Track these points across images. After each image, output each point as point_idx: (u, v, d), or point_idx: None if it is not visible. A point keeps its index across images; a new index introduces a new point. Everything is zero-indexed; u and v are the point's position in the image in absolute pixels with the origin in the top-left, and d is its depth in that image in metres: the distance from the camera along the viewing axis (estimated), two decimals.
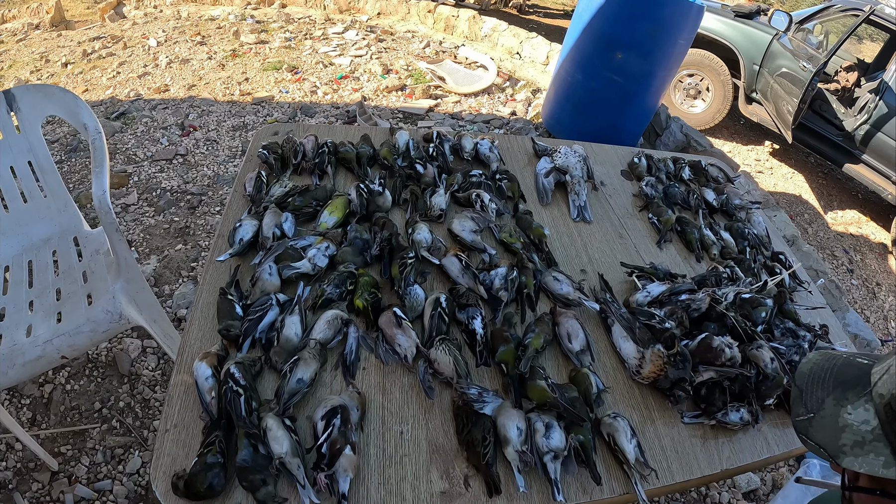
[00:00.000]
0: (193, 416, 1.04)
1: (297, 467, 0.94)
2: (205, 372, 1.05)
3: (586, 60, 3.75)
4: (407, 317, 1.24)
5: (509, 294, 1.39)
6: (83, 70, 5.29)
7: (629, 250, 1.70)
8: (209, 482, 0.90)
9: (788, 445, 1.31)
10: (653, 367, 1.28)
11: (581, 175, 1.84)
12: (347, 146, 1.74)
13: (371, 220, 1.52)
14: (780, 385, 1.32)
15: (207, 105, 4.61)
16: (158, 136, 4.05)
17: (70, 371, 2.26)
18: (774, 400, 1.34)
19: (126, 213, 3.28)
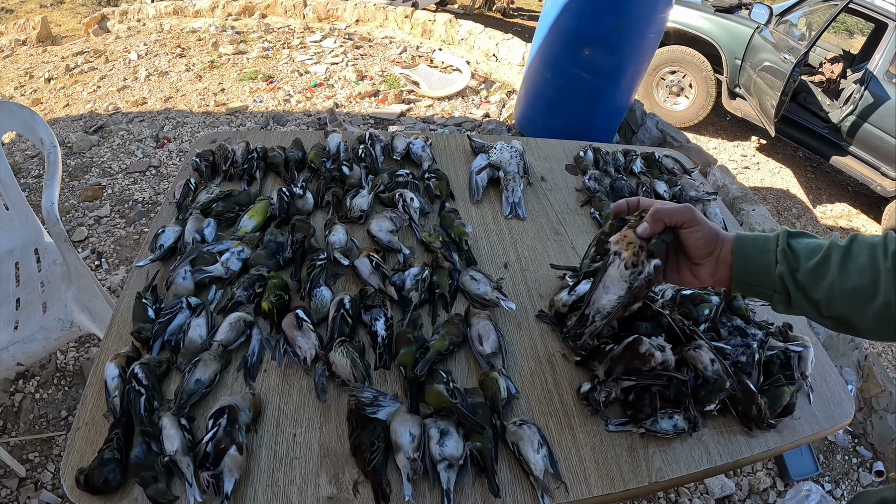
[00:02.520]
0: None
1: (186, 465, 0.95)
2: (112, 372, 1.07)
3: (554, 58, 3.66)
4: (311, 319, 1.22)
5: (419, 294, 1.33)
6: (65, 85, 5.33)
7: (564, 247, 1.59)
8: (105, 477, 0.92)
9: (733, 455, 1.19)
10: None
11: (516, 171, 1.74)
12: (276, 151, 1.73)
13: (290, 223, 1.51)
14: (722, 389, 1.20)
15: (182, 117, 4.61)
16: (133, 149, 4.08)
17: (39, 380, 2.35)
18: (717, 405, 1.23)
19: (98, 226, 3.34)
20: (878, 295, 0.80)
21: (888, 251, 0.81)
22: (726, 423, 1.25)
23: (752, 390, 1.23)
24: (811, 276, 0.85)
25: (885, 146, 4.94)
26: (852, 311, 0.83)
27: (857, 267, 0.82)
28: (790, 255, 0.88)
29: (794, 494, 2.44)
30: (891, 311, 0.79)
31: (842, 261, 0.83)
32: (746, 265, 0.92)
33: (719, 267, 0.94)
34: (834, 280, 0.83)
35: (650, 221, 0.96)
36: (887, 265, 0.80)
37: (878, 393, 2.85)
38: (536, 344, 1.32)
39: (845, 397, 1.37)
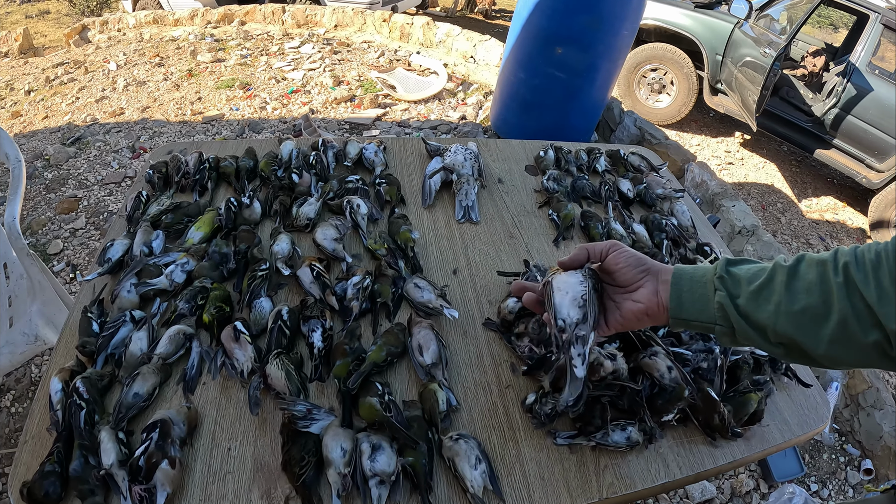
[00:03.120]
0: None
1: (121, 479, 0.94)
2: (56, 386, 1.07)
3: (527, 58, 3.62)
4: (250, 330, 1.19)
5: (360, 304, 1.28)
6: (45, 97, 5.33)
7: (518, 251, 1.53)
8: (45, 490, 0.93)
9: (693, 467, 1.12)
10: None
11: (470, 173, 1.67)
12: (228, 161, 1.70)
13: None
14: (680, 398, 1.14)
15: (159, 126, 4.60)
16: (109, 160, 4.07)
17: (14, 394, 2.39)
18: (675, 415, 1.16)
19: (74, 238, 3.35)
20: (831, 314, 0.73)
21: (838, 265, 0.75)
22: (688, 433, 1.18)
23: (713, 398, 1.17)
24: (754, 300, 0.79)
25: (870, 138, 4.91)
26: (804, 334, 0.76)
27: (805, 285, 0.76)
28: (729, 281, 0.82)
29: (778, 497, 2.38)
30: (848, 332, 0.72)
31: (788, 280, 0.77)
32: (683, 297, 0.86)
33: (661, 287, 0.88)
34: (780, 301, 0.77)
35: (574, 252, 0.97)
36: (838, 280, 0.73)
37: (864, 389, 2.81)
38: (483, 353, 1.25)
39: (821, 401, 1.30)
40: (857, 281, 0.72)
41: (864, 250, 0.74)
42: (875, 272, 0.71)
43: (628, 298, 0.92)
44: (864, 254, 0.73)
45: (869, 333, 0.71)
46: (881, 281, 0.70)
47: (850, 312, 0.71)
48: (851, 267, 0.73)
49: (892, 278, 0.69)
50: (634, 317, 0.91)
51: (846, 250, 0.76)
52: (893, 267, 0.69)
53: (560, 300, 0.95)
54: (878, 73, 4.89)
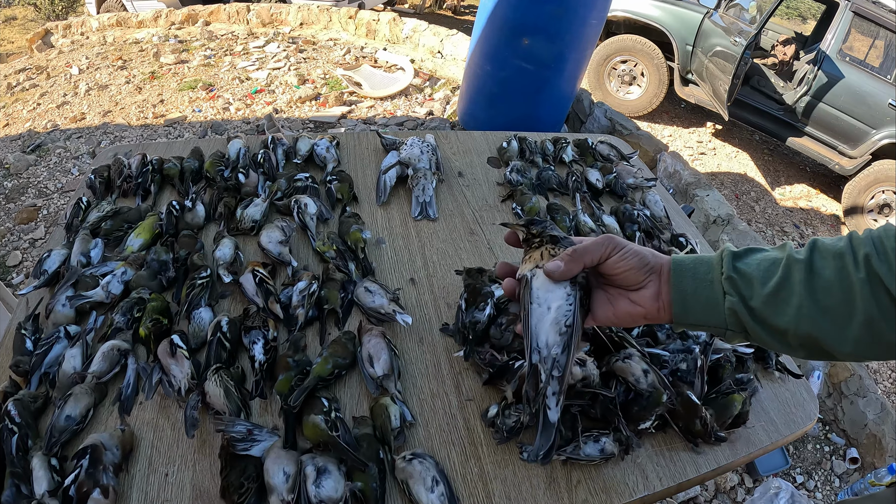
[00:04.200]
0: None
1: None
2: None
3: (493, 50, 3.52)
4: (188, 344, 1.12)
5: (306, 312, 1.17)
6: (6, 104, 5.19)
7: (479, 248, 1.42)
8: None
9: (675, 477, 1.03)
10: None
11: (427, 167, 1.57)
12: (172, 162, 1.59)
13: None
14: (658, 403, 1.04)
15: (121, 131, 4.48)
16: (70, 167, 3.97)
17: None
18: (653, 422, 1.06)
19: (33, 249, 3.25)
20: (854, 314, 0.65)
21: (857, 258, 0.66)
22: (668, 440, 1.09)
23: (693, 402, 1.07)
24: (772, 304, 0.70)
25: (841, 125, 4.92)
26: (826, 336, 0.68)
27: (825, 284, 0.68)
28: (740, 283, 0.72)
29: (763, 493, 2.31)
30: (874, 331, 0.65)
31: (806, 278, 0.68)
32: (688, 302, 0.75)
33: (664, 287, 0.77)
34: (801, 304, 0.68)
35: (566, 260, 0.77)
36: (860, 276, 0.65)
37: (847, 377, 2.78)
38: (440, 361, 1.14)
39: (807, 397, 1.22)
40: (882, 275, 0.64)
41: (883, 237, 0.66)
42: None
43: (625, 297, 0.79)
44: (884, 241, 0.65)
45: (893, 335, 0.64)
46: None
47: (875, 312, 0.64)
48: (874, 260, 0.65)
49: None
50: (630, 318, 0.79)
51: (863, 238, 0.67)
52: None
53: (538, 321, 0.77)
54: (849, 60, 4.90)
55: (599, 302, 0.80)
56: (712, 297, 0.73)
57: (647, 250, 0.78)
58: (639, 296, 0.77)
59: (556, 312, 0.77)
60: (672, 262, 0.76)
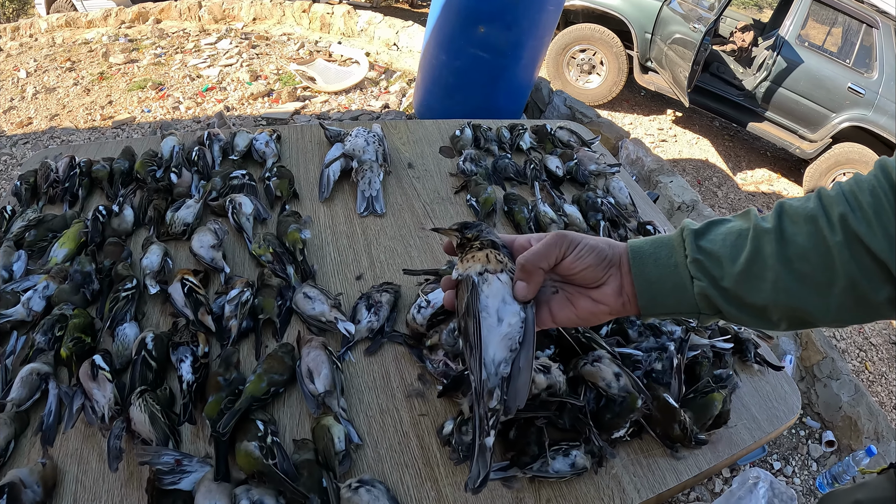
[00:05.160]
0: None
1: None
2: None
3: (448, 39, 3.40)
4: (112, 364, 1.01)
5: (239, 323, 1.06)
6: None
7: (431, 244, 1.31)
8: None
9: (654, 487, 0.95)
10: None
11: (374, 158, 1.44)
12: (101, 164, 1.47)
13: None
14: (633, 409, 0.95)
15: (68, 135, 4.28)
16: (14, 175, 3.72)
17: None
18: (628, 430, 0.98)
19: None
20: (836, 280, 0.61)
21: (832, 219, 0.61)
22: (644, 446, 1.00)
23: (671, 406, 0.99)
24: (744, 282, 0.64)
25: (801, 109, 4.94)
26: (807, 306, 0.63)
27: (799, 252, 0.62)
28: (707, 264, 0.65)
29: (742, 483, 2.24)
30: (857, 294, 0.60)
31: (778, 249, 0.63)
32: (653, 291, 0.68)
33: (625, 279, 0.69)
34: (777, 277, 0.62)
35: (524, 277, 0.67)
36: (837, 239, 0.60)
37: (819, 360, 2.76)
38: (389, 372, 1.03)
39: (789, 389, 1.16)
40: (862, 234, 0.59)
41: (857, 191, 0.61)
42: (879, 218, 0.58)
43: (586, 296, 0.70)
44: (859, 197, 0.60)
45: (880, 291, 0.60)
46: (888, 228, 0.58)
47: (857, 274, 0.59)
48: (850, 219, 0.60)
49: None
50: (594, 317, 0.71)
51: (834, 196, 0.62)
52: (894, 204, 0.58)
53: (488, 333, 0.66)
54: (808, 45, 4.93)
55: (559, 304, 0.71)
56: (679, 283, 0.67)
57: (604, 242, 0.70)
58: (600, 293, 0.69)
59: (508, 325, 0.66)
60: (629, 249, 0.68)
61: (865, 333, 4.17)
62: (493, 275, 0.68)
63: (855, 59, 4.82)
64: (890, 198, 0.58)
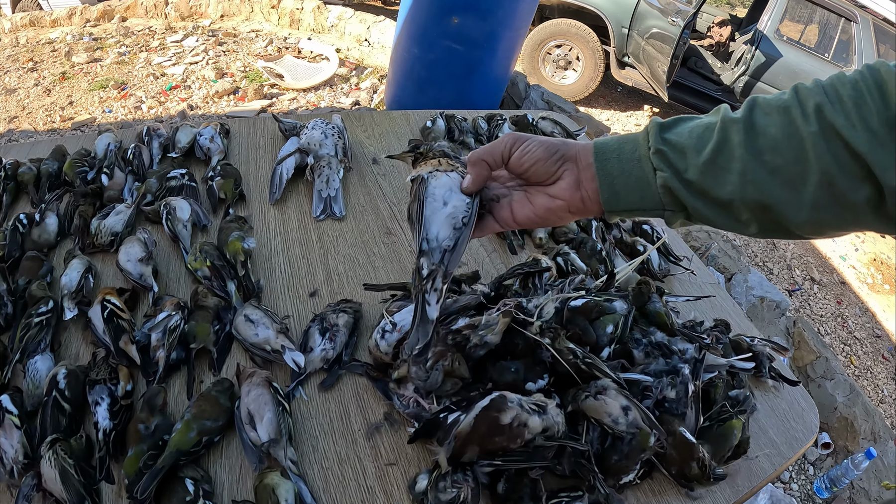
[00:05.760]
0: None
1: None
2: None
3: (421, 31, 3.24)
4: (23, 406, 0.84)
5: (167, 354, 0.87)
6: None
7: (399, 252, 1.13)
8: None
9: None
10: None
11: (332, 153, 1.26)
12: (27, 166, 1.28)
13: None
14: (644, 448, 0.80)
15: (26, 137, 4.09)
16: None
17: None
18: (638, 472, 0.82)
19: None
20: (809, 173, 0.57)
21: (807, 110, 0.58)
22: (656, 487, 0.85)
23: (689, 442, 0.83)
24: (709, 173, 0.61)
25: None
26: (779, 201, 0.60)
27: (770, 142, 0.59)
28: (670, 155, 0.63)
29: None
30: (834, 191, 0.57)
31: (746, 139, 0.60)
32: (616, 185, 0.66)
33: (584, 175, 0.68)
34: (744, 169, 0.60)
35: (471, 168, 0.71)
36: (812, 129, 0.57)
37: (812, 360, 2.72)
38: (349, 412, 0.85)
39: (805, 406, 1.05)
40: (839, 126, 0.56)
41: (837, 84, 0.57)
42: (859, 111, 0.55)
43: (543, 193, 0.71)
44: (838, 89, 0.57)
45: (859, 190, 0.56)
46: (868, 122, 0.55)
47: (833, 168, 0.57)
48: (826, 110, 0.57)
49: (882, 118, 0.54)
50: (552, 214, 0.71)
51: (811, 88, 0.59)
52: (880, 102, 0.55)
53: (432, 213, 0.72)
54: (786, 39, 4.92)
55: (518, 202, 0.73)
56: (642, 177, 0.65)
57: (558, 139, 0.71)
58: (556, 189, 0.70)
59: (453, 208, 0.72)
60: (594, 144, 0.68)
61: (849, 327, 4.11)
62: (442, 172, 0.74)
63: (833, 54, 4.83)
64: (874, 94, 0.55)
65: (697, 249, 3.17)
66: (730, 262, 3.16)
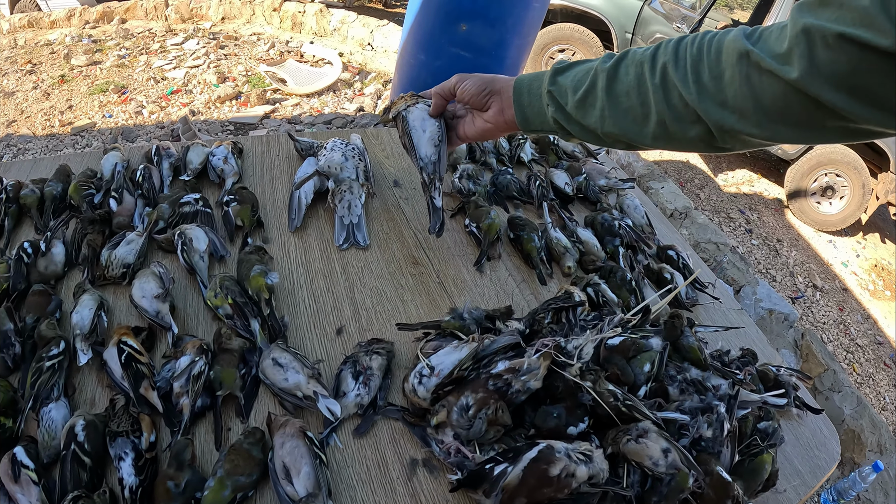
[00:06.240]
0: None
1: None
2: None
3: (428, 37, 3.19)
4: (38, 459, 0.77)
5: (192, 402, 0.81)
6: None
7: (427, 284, 1.08)
8: None
9: None
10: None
11: (354, 177, 1.21)
12: (30, 188, 1.18)
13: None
14: (682, 489, 0.77)
15: (25, 142, 4.06)
16: None
17: None
18: None
19: None
20: (650, 115, 0.76)
21: (656, 65, 0.74)
22: None
23: (725, 482, 0.80)
24: (581, 108, 0.83)
25: None
26: (628, 134, 0.80)
27: (625, 88, 0.78)
28: (557, 93, 0.85)
29: None
30: (669, 130, 0.75)
31: (608, 84, 0.79)
32: (525, 113, 0.92)
33: (506, 104, 0.94)
34: (604, 106, 0.80)
35: (433, 99, 1.05)
36: (655, 81, 0.74)
37: (820, 373, 2.72)
38: (386, 459, 0.81)
39: (828, 433, 1.03)
40: (676, 80, 0.71)
41: (688, 43, 0.72)
42: (695, 68, 0.70)
43: (480, 117, 1.00)
44: (686, 49, 0.72)
45: (690, 129, 0.73)
46: (700, 76, 0.70)
47: (667, 113, 0.73)
48: (670, 67, 0.72)
49: (711, 73, 0.69)
50: (487, 132, 1.00)
51: (669, 47, 0.74)
52: (713, 60, 0.69)
53: (418, 140, 1.05)
54: None
55: (468, 122, 1.03)
56: (541, 108, 0.88)
57: (491, 77, 0.96)
58: (488, 115, 0.97)
59: (430, 131, 1.05)
60: (514, 81, 0.92)
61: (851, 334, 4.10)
62: (412, 106, 1.07)
63: None
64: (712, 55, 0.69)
65: (707, 261, 3.14)
66: (738, 274, 3.13)
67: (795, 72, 0.59)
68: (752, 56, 0.64)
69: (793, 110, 0.63)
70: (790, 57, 0.60)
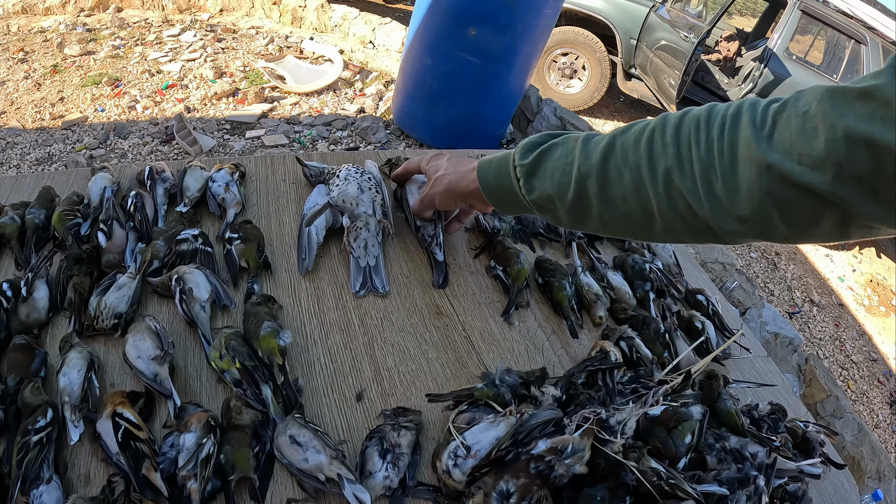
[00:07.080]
0: None
1: None
2: None
3: (435, 41, 3.13)
4: None
5: (202, 486, 0.70)
6: None
7: (452, 337, 0.98)
8: None
9: None
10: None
11: (370, 213, 1.09)
12: (10, 216, 1.01)
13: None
14: None
15: (13, 135, 3.95)
16: None
17: None
18: None
19: None
20: (654, 220, 0.70)
21: (657, 171, 0.67)
22: None
23: None
24: (575, 214, 0.78)
25: None
26: (635, 233, 0.76)
27: (621, 193, 0.71)
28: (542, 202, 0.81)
29: None
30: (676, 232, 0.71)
31: (600, 190, 0.73)
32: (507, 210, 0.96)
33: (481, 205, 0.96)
34: (601, 211, 0.74)
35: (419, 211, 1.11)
36: (658, 190, 0.68)
37: (823, 398, 2.72)
38: None
39: (848, 487, 1.02)
40: (684, 190, 0.66)
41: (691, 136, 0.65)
42: (706, 177, 0.64)
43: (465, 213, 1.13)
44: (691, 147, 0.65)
45: (701, 235, 0.69)
46: (713, 187, 0.63)
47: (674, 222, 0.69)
48: (675, 174, 0.66)
49: (726, 184, 0.62)
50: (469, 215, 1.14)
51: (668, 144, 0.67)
52: (728, 168, 0.62)
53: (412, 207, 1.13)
54: (796, 59, 4.88)
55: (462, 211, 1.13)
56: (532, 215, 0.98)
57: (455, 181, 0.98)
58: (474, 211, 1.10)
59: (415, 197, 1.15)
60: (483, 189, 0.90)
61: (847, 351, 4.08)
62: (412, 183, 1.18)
63: (842, 75, 4.79)
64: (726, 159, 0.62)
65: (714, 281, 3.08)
66: (744, 296, 3.08)
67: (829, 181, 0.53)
68: (775, 169, 0.57)
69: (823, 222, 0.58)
70: (824, 165, 0.53)
